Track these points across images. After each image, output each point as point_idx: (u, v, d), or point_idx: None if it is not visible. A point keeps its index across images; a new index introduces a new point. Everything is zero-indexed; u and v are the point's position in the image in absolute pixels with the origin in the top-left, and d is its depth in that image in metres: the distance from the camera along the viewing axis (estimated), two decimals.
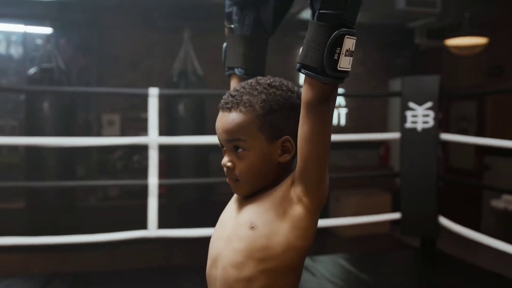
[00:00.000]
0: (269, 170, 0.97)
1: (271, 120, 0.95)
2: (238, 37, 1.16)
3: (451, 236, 3.63)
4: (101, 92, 5.02)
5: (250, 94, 0.96)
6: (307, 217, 0.92)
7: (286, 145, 0.97)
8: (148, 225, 3.06)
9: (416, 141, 3.45)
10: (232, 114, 0.96)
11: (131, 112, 5.71)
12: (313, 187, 0.91)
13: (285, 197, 0.94)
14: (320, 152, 0.88)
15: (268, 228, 0.93)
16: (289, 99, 0.97)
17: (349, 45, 0.81)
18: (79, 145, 3.38)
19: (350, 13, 0.80)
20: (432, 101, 3.38)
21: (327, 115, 0.86)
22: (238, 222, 0.98)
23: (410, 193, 3.50)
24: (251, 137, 0.95)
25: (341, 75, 0.82)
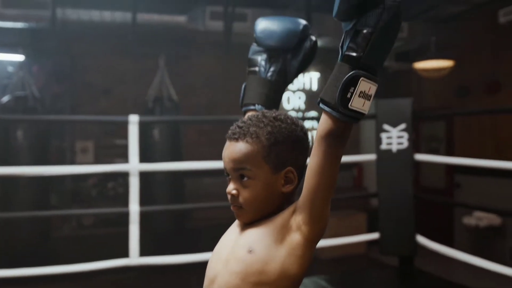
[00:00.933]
0: (272, 199, 1.01)
1: (276, 151, 1.00)
2: (261, 79, 1.22)
3: (428, 254, 3.70)
4: (80, 120, 4.95)
5: (256, 126, 1.01)
6: (304, 245, 0.96)
7: (289, 176, 1.02)
8: (129, 253, 3.02)
9: (392, 162, 3.54)
10: (239, 144, 1.01)
11: (105, 139, 5.66)
12: (314, 218, 0.95)
13: (285, 224, 0.98)
14: (326, 185, 0.93)
15: (265, 253, 0.96)
16: (294, 132, 1.02)
17: (364, 88, 0.86)
18: (59, 173, 3.33)
19: (370, 58, 0.86)
20: (406, 122, 3.49)
21: (337, 150, 0.91)
22: (237, 245, 1.01)
23: (388, 213, 3.57)
24: (256, 166, 0.99)
25: (353, 114, 0.87)
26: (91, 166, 4.06)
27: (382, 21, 0.84)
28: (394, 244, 3.55)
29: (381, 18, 0.84)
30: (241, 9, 4.83)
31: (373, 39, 0.84)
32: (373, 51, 0.85)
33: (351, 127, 0.91)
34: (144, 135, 4.65)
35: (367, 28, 0.85)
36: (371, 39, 0.85)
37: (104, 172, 3.32)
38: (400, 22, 0.88)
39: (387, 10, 0.84)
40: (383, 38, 0.86)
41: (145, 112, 4.69)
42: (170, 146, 4.82)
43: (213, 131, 5.92)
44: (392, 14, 0.84)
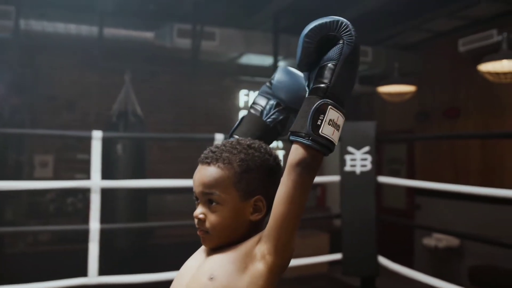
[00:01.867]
0: (239, 226, 1.01)
1: (247, 179, 1.00)
2: (260, 120, 1.21)
3: (389, 274, 3.75)
4: (40, 134, 4.81)
5: (229, 152, 1.01)
6: (267, 275, 0.95)
7: (258, 204, 1.01)
8: (88, 271, 2.93)
9: (355, 183, 3.60)
10: (210, 168, 1.01)
11: (65, 153, 5.51)
12: (279, 247, 0.94)
13: (249, 253, 0.97)
14: (292, 215, 0.92)
15: (226, 281, 0.95)
16: (266, 162, 1.03)
17: (333, 117, 0.91)
18: (16, 189, 3.21)
19: (337, 88, 0.92)
20: (370, 145, 3.56)
21: (307, 180, 0.92)
22: (199, 271, 1.00)
23: (351, 234, 3.61)
24: (226, 192, 0.99)
25: (324, 141, 0.90)
26: (51, 182, 3.93)
27: (343, 54, 0.92)
28: (356, 265, 3.59)
29: (342, 51, 0.92)
30: (210, 27, 4.85)
31: (337, 70, 0.92)
32: (339, 81, 0.92)
33: (321, 158, 0.92)
34: (107, 150, 4.56)
35: (331, 61, 0.93)
36: (335, 70, 0.92)
37: (65, 188, 3.22)
38: (359, 54, 0.96)
39: (347, 44, 0.92)
40: (346, 69, 0.93)
41: (109, 127, 4.60)
42: (134, 162, 4.73)
43: (178, 148, 5.87)
44: (352, 47, 0.92)
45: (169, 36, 4.83)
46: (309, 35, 0.95)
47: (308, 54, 0.95)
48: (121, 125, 4.55)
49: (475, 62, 4.26)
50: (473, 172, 5.17)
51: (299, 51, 0.96)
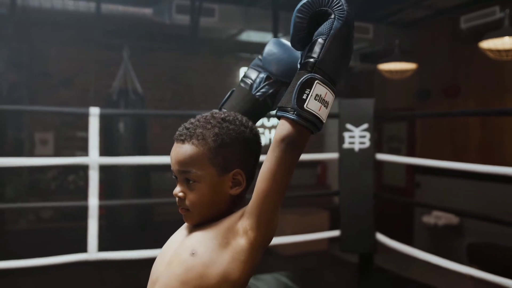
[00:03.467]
0: (220, 202, 1.00)
1: (223, 153, 0.98)
2: (249, 94, 1.18)
3: (388, 251, 3.78)
4: (38, 111, 4.81)
5: (203, 127, 0.99)
6: (249, 251, 0.94)
7: (237, 178, 1.00)
8: (88, 247, 2.95)
9: (354, 161, 3.59)
10: (185, 146, 0.99)
11: (65, 131, 5.51)
12: (261, 223, 0.93)
13: (231, 228, 0.96)
14: (274, 191, 0.91)
15: (207, 256, 0.94)
16: (242, 134, 1.01)
17: (320, 92, 0.89)
18: (14, 165, 3.22)
19: (325, 63, 0.90)
20: (368, 122, 3.54)
21: (291, 157, 0.90)
22: (181, 247, 0.99)
23: (349, 211, 3.62)
24: (202, 169, 0.97)
25: (309, 117, 0.88)
26: (49, 159, 3.94)
27: (334, 29, 0.90)
28: (354, 241, 3.61)
29: (333, 26, 0.90)
30: (209, 4, 4.79)
31: (327, 45, 0.90)
32: (328, 56, 0.90)
33: (307, 135, 0.90)
34: (109, 128, 4.57)
35: (321, 36, 0.91)
36: (324, 44, 0.90)
37: (63, 164, 3.23)
38: (352, 30, 0.93)
39: (338, 19, 0.90)
40: (337, 44, 0.90)
41: (110, 104, 4.59)
42: (136, 140, 4.74)
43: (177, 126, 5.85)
44: (343, 22, 0.90)
45: (168, 12, 4.78)
46: (300, 10, 0.93)
47: (300, 30, 0.94)
48: (121, 102, 4.54)
49: (476, 40, 4.21)
50: (473, 150, 5.16)
51: (292, 27, 0.95)
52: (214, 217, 1.00)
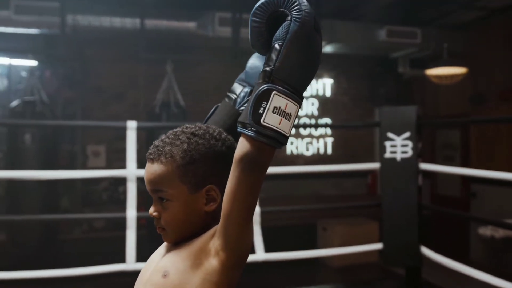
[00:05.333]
0: (195, 220, 0.96)
1: (193, 170, 0.94)
2: (233, 109, 1.15)
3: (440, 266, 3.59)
4: (80, 126, 5.02)
5: (172, 144, 0.96)
6: (221, 272, 0.90)
7: (211, 193, 0.96)
8: (126, 258, 3.02)
9: (396, 170, 3.47)
10: (154, 165, 0.96)
11: (116, 143, 5.70)
12: (230, 243, 0.88)
13: (203, 248, 0.92)
14: (237, 213, 0.86)
15: (179, 277, 0.91)
16: (212, 148, 0.96)
17: (279, 104, 0.81)
18: (57, 177, 3.37)
19: (283, 71, 0.81)
20: (410, 131, 3.41)
21: (250, 177, 0.84)
22: (156, 268, 0.96)
23: (392, 222, 3.49)
24: (172, 187, 0.94)
25: (268, 132, 0.81)
26: (89, 171, 4.11)
27: (290, 32, 0.82)
28: (397, 255, 3.47)
29: (289, 29, 0.82)
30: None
31: (283, 51, 0.81)
32: (285, 63, 0.81)
33: (268, 152, 0.84)
34: (150, 140, 4.69)
35: (278, 41, 0.82)
36: (281, 51, 0.81)
37: (102, 176, 3.34)
38: (311, 32, 0.83)
39: (294, 21, 0.82)
40: (295, 49, 0.82)
41: (152, 117, 4.71)
42: None
43: None
44: (300, 24, 0.82)
45: (211, 25, 4.85)
46: (256, 13, 0.86)
47: (259, 35, 0.87)
48: (164, 115, 4.65)
49: None
50: None
51: (250, 33, 0.88)
52: (191, 234, 0.96)
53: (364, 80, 6.74)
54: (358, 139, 6.67)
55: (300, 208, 5.16)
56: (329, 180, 6.40)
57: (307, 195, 6.19)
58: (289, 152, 6.41)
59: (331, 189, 6.49)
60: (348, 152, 6.54)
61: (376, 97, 6.68)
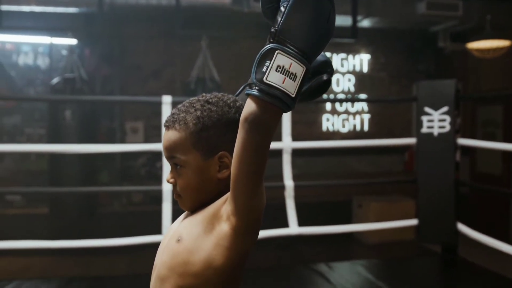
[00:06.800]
0: (209, 186, 0.98)
1: (206, 137, 0.96)
2: None
3: (478, 245, 3.52)
4: (117, 101, 5.14)
5: (186, 112, 0.98)
6: (232, 236, 0.91)
7: (224, 160, 0.97)
8: (162, 230, 3.11)
9: (433, 146, 3.40)
10: (169, 132, 0.98)
11: (154, 120, 5.81)
12: (241, 208, 0.89)
13: (216, 213, 0.93)
14: (245, 176, 0.86)
15: (192, 242, 0.93)
16: (225, 115, 0.98)
17: (283, 63, 0.80)
18: (97, 151, 3.47)
19: (289, 32, 0.81)
20: (448, 105, 3.32)
21: (256, 138, 0.83)
22: (173, 234, 0.99)
23: (428, 199, 3.44)
24: (186, 154, 0.96)
25: (271, 90, 0.79)
26: (127, 145, 4.21)
27: None
28: (433, 232, 3.43)
29: None
30: None
31: (287, 12, 0.80)
32: (289, 24, 0.80)
33: (274, 113, 0.82)
34: None
35: (283, 3, 0.81)
36: (285, 12, 0.80)
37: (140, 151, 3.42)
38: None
39: None
40: (301, 10, 0.81)
41: (188, 93, 4.77)
42: None
43: None
44: None
45: (246, 1, 4.83)
46: None
47: (268, 2, 0.85)
48: (199, 91, 4.69)
49: None
50: None
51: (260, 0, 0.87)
52: (205, 201, 0.98)
53: (403, 55, 6.58)
54: (395, 116, 6.55)
55: (334, 183, 5.15)
56: (365, 157, 6.34)
57: (343, 172, 6.15)
58: (325, 128, 6.37)
59: (368, 166, 6.42)
60: (385, 129, 6.44)
61: (415, 72, 6.52)
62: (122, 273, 4.33)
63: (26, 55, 5.42)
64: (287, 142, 3.33)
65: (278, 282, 3.27)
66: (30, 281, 3.22)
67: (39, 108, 5.40)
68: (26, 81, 5.46)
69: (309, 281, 3.26)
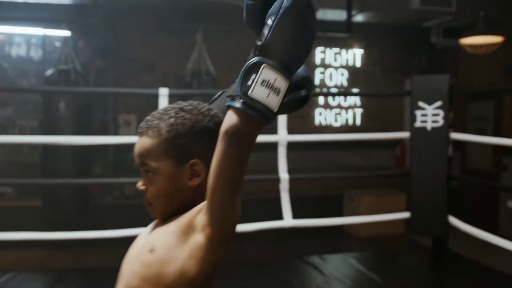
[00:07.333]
0: (180, 194, 0.97)
1: (179, 144, 0.96)
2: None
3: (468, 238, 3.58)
4: (113, 93, 5.13)
5: (160, 119, 0.98)
6: (207, 247, 0.90)
7: (196, 168, 0.97)
8: None
9: (426, 140, 3.45)
10: (142, 138, 0.98)
11: (147, 113, 5.77)
12: (216, 219, 0.88)
13: (190, 223, 0.92)
14: (223, 188, 0.85)
15: (166, 253, 0.92)
16: (199, 123, 0.98)
17: (268, 77, 0.80)
18: (90, 143, 3.47)
19: (276, 46, 0.81)
20: (442, 100, 3.37)
21: (236, 151, 0.83)
22: (144, 244, 0.98)
23: (420, 192, 3.49)
24: (158, 161, 0.96)
25: (255, 104, 0.80)
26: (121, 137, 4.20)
27: (283, 8, 0.81)
28: (425, 224, 3.48)
29: (282, 4, 0.81)
30: None
31: (275, 26, 0.80)
32: (277, 38, 0.81)
33: (255, 126, 0.82)
34: None
35: (271, 17, 0.81)
36: (272, 26, 0.81)
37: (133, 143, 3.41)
38: (305, 8, 0.83)
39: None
40: (288, 25, 0.81)
41: (183, 86, 4.77)
42: None
43: None
44: (294, 1, 0.81)
45: None
46: None
47: (253, 12, 0.87)
48: (194, 84, 4.70)
49: None
50: None
51: (244, 10, 0.88)
52: (177, 209, 0.98)
53: (396, 51, 6.62)
54: (388, 111, 6.60)
55: (327, 176, 5.18)
56: (357, 151, 6.38)
57: (334, 166, 6.20)
58: (317, 122, 6.41)
59: (359, 160, 6.47)
60: (377, 124, 6.49)
61: (407, 68, 6.57)
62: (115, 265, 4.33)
63: (19, 46, 5.37)
64: (282, 135, 3.35)
65: (272, 274, 3.30)
66: (25, 273, 3.23)
67: (32, 100, 5.37)
68: (18, 72, 5.42)
69: (303, 272, 3.30)
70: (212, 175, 0.85)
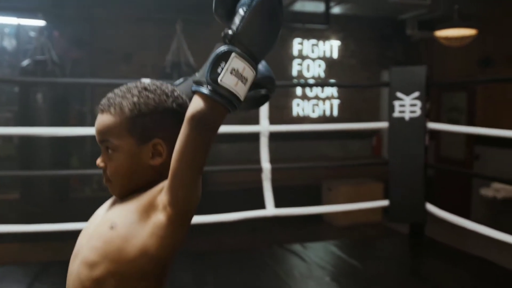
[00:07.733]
0: (140, 173, 0.97)
1: (141, 123, 0.96)
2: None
3: (442, 224, 3.70)
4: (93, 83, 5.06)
5: (123, 97, 0.97)
6: (168, 227, 0.91)
7: (158, 148, 0.97)
8: None
9: (404, 130, 3.53)
10: (103, 116, 0.98)
11: None
12: (178, 200, 0.89)
13: (151, 202, 0.93)
14: (184, 171, 0.87)
15: (126, 230, 0.92)
16: (162, 103, 0.98)
17: (238, 66, 0.82)
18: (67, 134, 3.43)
19: (247, 36, 0.83)
20: (419, 91, 3.45)
21: (201, 136, 0.84)
22: (103, 220, 0.98)
23: (398, 180, 3.57)
24: (119, 138, 0.96)
25: (223, 92, 0.82)
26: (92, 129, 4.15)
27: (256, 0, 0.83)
28: (403, 212, 3.57)
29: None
30: None
31: (247, 17, 0.82)
32: (248, 28, 0.83)
33: (221, 113, 0.84)
34: None
35: (242, 7, 0.83)
36: (244, 16, 0.83)
37: None
38: (277, 4, 0.86)
39: None
40: (259, 16, 0.84)
41: (163, 77, 4.75)
42: None
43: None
44: None
45: None
46: None
47: (223, 3, 0.87)
48: (174, 75, 4.68)
49: None
50: None
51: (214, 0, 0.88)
52: (136, 188, 0.98)
53: (372, 43, 6.72)
54: (364, 102, 6.70)
55: (307, 165, 5.23)
56: (334, 141, 6.47)
57: (312, 156, 6.27)
58: (295, 113, 6.46)
59: (337, 151, 6.56)
60: (354, 114, 6.59)
61: (383, 59, 6.68)
62: None
63: None
64: (264, 126, 3.38)
65: (254, 262, 3.34)
66: (4, 266, 3.19)
67: (6, 91, 5.25)
68: None
69: (285, 260, 3.35)
70: (175, 158, 0.87)
